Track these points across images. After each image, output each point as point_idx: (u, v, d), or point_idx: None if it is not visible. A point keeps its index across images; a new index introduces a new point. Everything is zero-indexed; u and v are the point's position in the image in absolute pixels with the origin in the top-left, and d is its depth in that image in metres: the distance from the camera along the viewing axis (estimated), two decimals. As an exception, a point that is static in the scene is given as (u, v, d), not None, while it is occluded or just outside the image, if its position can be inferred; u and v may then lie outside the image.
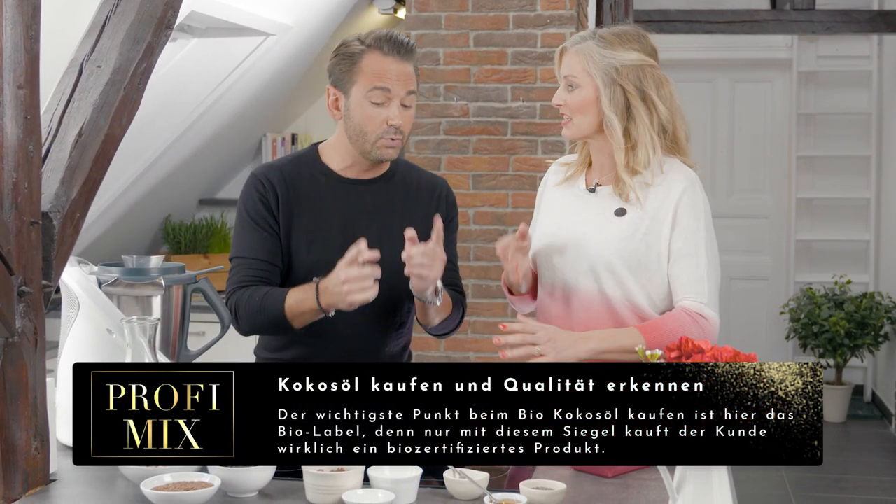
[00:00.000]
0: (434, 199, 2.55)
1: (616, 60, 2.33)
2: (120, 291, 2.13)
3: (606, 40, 2.36)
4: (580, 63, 2.35)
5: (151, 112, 4.22)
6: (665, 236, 2.32)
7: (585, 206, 2.41)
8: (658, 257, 2.32)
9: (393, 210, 2.50)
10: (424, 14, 4.61)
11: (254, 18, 4.31)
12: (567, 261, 2.37)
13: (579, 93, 2.35)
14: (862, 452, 6.09)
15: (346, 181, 2.50)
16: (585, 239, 2.35)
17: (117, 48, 2.05)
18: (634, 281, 2.31)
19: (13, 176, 1.78)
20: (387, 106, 2.40)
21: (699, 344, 1.59)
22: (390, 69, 2.41)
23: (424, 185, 2.57)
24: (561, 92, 2.39)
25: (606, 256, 2.31)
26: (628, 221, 2.33)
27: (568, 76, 2.37)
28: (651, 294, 2.32)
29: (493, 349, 4.72)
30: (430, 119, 4.64)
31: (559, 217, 2.45)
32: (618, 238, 2.31)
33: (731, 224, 7.59)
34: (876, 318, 6.59)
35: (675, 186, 2.34)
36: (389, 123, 2.41)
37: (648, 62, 2.35)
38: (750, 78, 7.56)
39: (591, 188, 2.43)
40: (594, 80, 2.34)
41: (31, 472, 1.83)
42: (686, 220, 2.32)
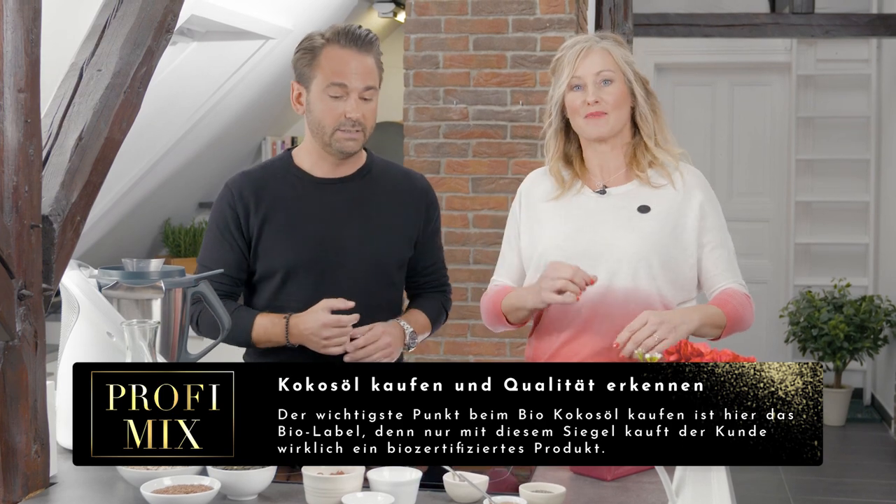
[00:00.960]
0: (413, 197, 2.56)
1: (631, 57, 2.43)
2: (120, 295, 2.14)
3: (618, 42, 2.45)
4: (611, 59, 2.40)
5: (151, 116, 4.22)
6: (690, 228, 2.40)
7: (599, 209, 2.42)
8: (684, 249, 2.40)
9: (370, 207, 2.50)
10: (424, 18, 4.62)
11: (253, 22, 4.31)
12: (599, 260, 2.36)
13: (615, 87, 2.39)
14: (861, 456, 6.09)
15: (319, 181, 2.51)
16: (616, 237, 2.37)
17: (117, 52, 2.05)
18: (665, 275, 2.37)
19: (13, 179, 1.79)
20: (344, 99, 2.41)
21: (698, 347, 1.59)
22: (348, 63, 2.42)
23: (402, 182, 2.57)
24: (593, 88, 2.39)
25: (644, 253, 2.35)
26: (655, 218, 2.39)
27: (602, 71, 2.39)
28: (677, 285, 2.40)
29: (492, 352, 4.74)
30: (429, 122, 4.64)
31: (571, 224, 2.42)
32: (649, 234, 2.37)
33: (731, 227, 7.43)
34: (875, 322, 6.60)
35: (694, 180, 2.44)
36: (346, 116, 2.41)
37: None
38: (749, 81, 7.56)
39: (599, 190, 2.44)
40: (625, 74, 2.40)
41: (30, 475, 1.83)
42: (712, 213, 2.44)
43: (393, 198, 2.52)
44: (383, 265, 2.49)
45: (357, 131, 2.43)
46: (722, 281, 2.43)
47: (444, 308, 2.67)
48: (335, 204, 2.48)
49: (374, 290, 2.46)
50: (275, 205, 2.48)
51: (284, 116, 5.66)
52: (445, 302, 2.68)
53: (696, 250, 2.41)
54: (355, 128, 2.42)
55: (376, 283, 2.48)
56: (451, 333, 4.60)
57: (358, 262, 2.45)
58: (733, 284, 2.44)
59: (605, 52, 2.40)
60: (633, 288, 2.35)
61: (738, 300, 2.40)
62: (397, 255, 2.52)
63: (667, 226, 2.38)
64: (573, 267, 2.25)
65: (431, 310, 2.62)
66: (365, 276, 2.46)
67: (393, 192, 2.53)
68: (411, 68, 4.64)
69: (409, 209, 2.54)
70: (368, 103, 2.43)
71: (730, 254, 2.47)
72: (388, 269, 2.51)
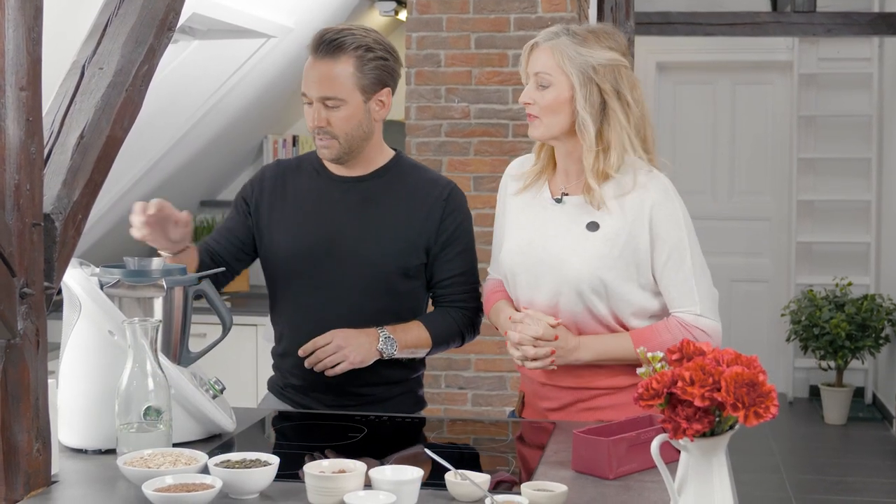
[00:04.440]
0: (429, 200, 2.50)
1: (592, 59, 2.24)
2: (121, 293, 2.13)
3: (581, 37, 2.26)
4: (554, 59, 2.25)
5: (153, 114, 4.22)
6: (643, 248, 2.26)
7: (554, 219, 2.34)
8: (638, 267, 2.27)
9: (377, 206, 2.49)
10: (426, 16, 4.61)
11: (255, 20, 4.31)
12: (545, 280, 2.32)
13: (552, 91, 2.26)
14: (863, 455, 6.08)
15: (334, 178, 2.53)
16: (561, 259, 2.28)
17: (119, 50, 2.05)
18: (618, 296, 2.28)
19: (15, 178, 1.78)
20: (312, 107, 2.43)
21: (700, 346, 1.59)
22: (311, 72, 2.43)
23: (422, 185, 2.52)
24: (530, 90, 2.29)
25: (587, 278, 2.25)
26: (603, 238, 2.26)
27: (540, 73, 2.27)
28: (633, 305, 2.29)
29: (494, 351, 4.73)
30: (431, 121, 4.64)
31: (526, 231, 2.37)
32: (596, 257, 2.26)
33: (732, 226, 7.59)
34: (877, 321, 6.60)
35: (648, 196, 2.26)
36: (310, 125, 2.44)
37: (623, 62, 2.27)
38: (751, 80, 7.56)
39: (557, 198, 2.35)
40: (569, 77, 2.24)
41: (32, 473, 1.83)
42: (666, 232, 2.25)
43: (406, 202, 2.49)
44: (381, 270, 2.46)
45: (328, 139, 2.44)
46: (673, 307, 2.29)
47: (458, 326, 2.55)
48: (345, 202, 2.50)
49: (369, 293, 2.44)
50: (287, 194, 2.53)
51: (286, 115, 5.66)
52: (461, 320, 2.56)
53: (650, 271, 2.27)
54: (324, 135, 2.43)
55: (372, 287, 2.46)
56: (452, 332, 4.59)
57: (353, 261, 2.44)
58: (683, 314, 2.27)
59: (549, 52, 2.25)
60: (581, 309, 2.29)
61: (671, 335, 2.23)
62: (399, 262, 2.47)
63: (616, 247, 2.25)
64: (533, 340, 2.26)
65: (436, 324, 2.52)
66: (359, 278, 2.45)
67: (408, 196, 2.50)
68: (413, 67, 4.63)
69: (420, 215, 2.48)
70: (335, 111, 2.41)
71: (685, 277, 2.26)
72: (387, 275, 2.47)
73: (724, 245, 7.54)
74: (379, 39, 2.46)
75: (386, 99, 2.48)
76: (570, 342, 2.27)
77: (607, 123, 2.26)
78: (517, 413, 2.54)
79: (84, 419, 2.08)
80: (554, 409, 2.41)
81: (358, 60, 2.41)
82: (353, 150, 2.47)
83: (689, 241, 2.28)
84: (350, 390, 2.51)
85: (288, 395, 2.59)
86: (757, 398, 1.49)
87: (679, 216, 2.28)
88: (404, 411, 2.52)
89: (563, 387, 2.37)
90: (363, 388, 2.52)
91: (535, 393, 2.44)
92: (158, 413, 1.96)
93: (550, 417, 2.41)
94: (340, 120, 2.42)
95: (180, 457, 1.88)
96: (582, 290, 2.27)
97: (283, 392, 2.60)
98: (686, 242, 2.27)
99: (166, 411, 1.97)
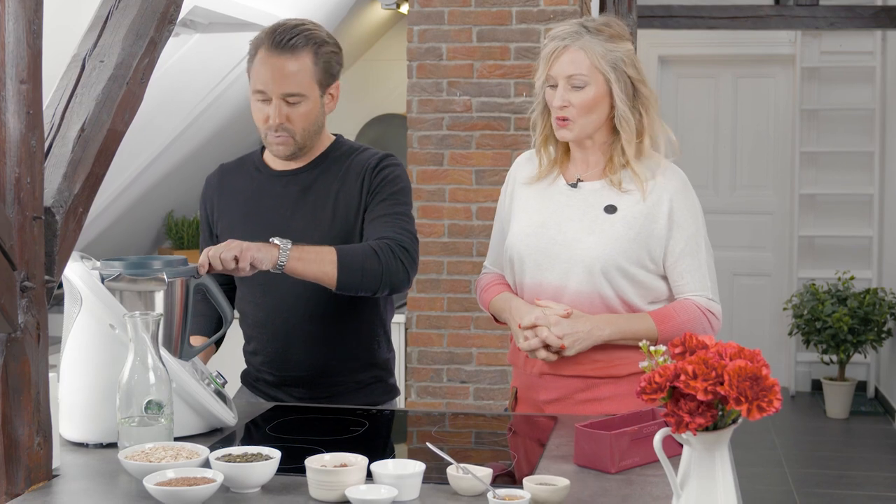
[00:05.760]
0: (361, 172, 2.47)
1: (619, 52, 2.29)
2: (122, 287, 2.13)
3: (604, 33, 2.30)
4: (588, 59, 2.28)
5: (154, 108, 4.21)
6: (659, 234, 2.31)
7: (569, 203, 2.37)
8: (651, 254, 2.32)
9: (317, 196, 2.48)
10: (427, 9, 4.60)
11: (257, 13, 4.30)
12: (556, 261, 2.34)
13: (589, 90, 2.29)
14: (865, 449, 6.08)
15: (274, 173, 2.55)
16: (578, 238, 2.32)
17: (120, 43, 2.05)
18: (628, 280, 2.31)
19: (15, 171, 1.78)
20: (269, 104, 2.40)
21: (703, 340, 1.58)
22: (268, 68, 2.40)
23: (356, 165, 2.50)
24: (563, 92, 2.31)
25: (602, 259, 2.29)
26: (621, 220, 2.31)
27: (574, 75, 2.29)
28: (642, 289, 2.33)
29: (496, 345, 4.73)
30: (432, 114, 4.63)
31: (538, 215, 2.40)
32: (612, 238, 2.30)
33: (734, 220, 7.59)
34: (879, 314, 6.59)
35: (670, 185, 2.34)
36: (267, 122, 2.41)
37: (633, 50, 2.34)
38: (753, 74, 7.55)
39: (572, 183, 2.38)
40: (605, 75, 2.28)
41: (33, 467, 1.83)
42: (685, 220, 2.33)
43: (341, 182, 2.48)
44: None
45: (285, 136, 2.42)
46: (686, 292, 2.35)
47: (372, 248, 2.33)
48: (285, 195, 2.50)
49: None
50: (234, 197, 2.55)
51: (287, 108, 5.66)
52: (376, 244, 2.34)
53: (663, 258, 2.33)
54: (282, 132, 2.42)
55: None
56: (454, 326, 4.60)
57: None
58: (696, 297, 2.35)
59: (581, 53, 2.28)
60: (589, 290, 2.31)
61: (689, 316, 2.32)
62: (347, 238, 2.43)
63: (631, 230, 2.31)
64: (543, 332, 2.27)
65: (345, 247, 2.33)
66: None
67: (342, 176, 2.48)
68: (414, 60, 4.63)
69: (352, 186, 2.46)
70: (295, 107, 2.40)
71: (700, 264, 2.35)
72: None
73: (726, 239, 7.54)
74: (328, 33, 2.49)
75: (335, 92, 2.49)
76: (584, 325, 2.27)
77: (644, 110, 2.32)
78: (510, 410, 2.53)
79: (85, 413, 2.08)
80: (551, 401, 2.41)
81: (314, 55, 2.41)
82: (307, 145, 2.47)
83: (703, 230, 2.38)
84: (321, 382, 2.53)
85: (261, 388, 2.61)
86: (760, 392, 1.49)
87: (696, 206, 2.37)
88: (377, 401, 2.53)
89: (563, 375, 2.37)
90: (334, 378, 2.53)
91: (531, 386, 2.44)
92: (160, 407, 1.95)
93: (547, 410, 2.41)
94: (300, 116, 2.41)
95: (181, 451, 1.87)
96: (594, 270, 2.30)
97: (256, 385, 2.62)
98: (701, 232, 2.37)
99: (167, 405, 1.97)
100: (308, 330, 2.49)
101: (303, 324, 2.49)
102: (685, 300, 2.35)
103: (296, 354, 2.51)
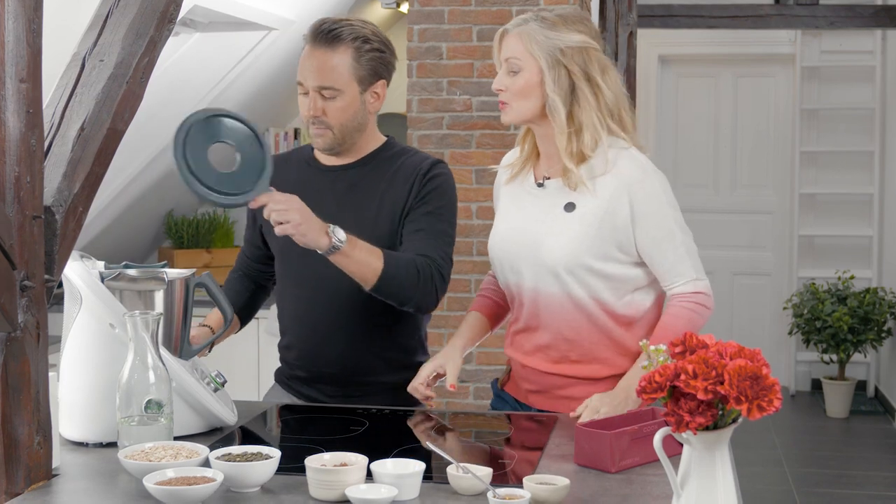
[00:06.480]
0: (411, 176, 2.49)
1: (560, 41, 2.26)
2: (122, 286, 2.13)
3: (550, 21, 2.28)
4: (522, 45, 2.28)
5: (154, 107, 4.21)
6: (624, 226, 2.27)
7: (535, 203, 2.36)
8: (621, 246, 2.29)
9: (363, 192, 2.50)
10: (427, 9, 4.60)
11: (256, 13, 4.30)
12: (526, 264, 2.34)
13: (522, 76, 2.28)
14: (865, 448, 6.08)
15: (322, 168, 2.55)
16: (540, 241, 2.31)
17: (119, 42, 2.05)
18: (598, 277, 2.29)
19: (15, 170, 1.78)
20: (307, 97, 2.43)
21: (703, 339, 1.58)
22: (308, 61, 2.42)
23: (406, 165, 2.51)
24: (502, 76, 2.32)
25: (564, 260, 2.28)
26: (580, 218, 2.28)
27: (510, 59, 2.29)
28: (618, 284, 2.31)
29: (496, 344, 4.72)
30: (432, 114, 4.63)
31: (511, 217, 2.40)
32: (571, 238, 2.28)
33: (734, 219, 7.59)
34: (879, 314, 6.59)
35: (626, 175, 2.27)
36: (305, 114, 2.44)
37: (592, 45, 2.29)
38: (753, 73, 7.55)
39: (539, 182, 2.37)
40: (538, 61, 2.27)
41: (33, 466, 1.83)
42: (649, 208, 2.27)
43: (389, 182, 2.50)
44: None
45: (322, 128, 2.44)
46: (669, 281, 2.31)
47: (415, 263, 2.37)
48: (332, 190, 2.51)
49: None
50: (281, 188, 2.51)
51: (288, 108, 5.65)
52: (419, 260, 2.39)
53: (634, 247, 2.29)
54: (319, 125, 2.44)
55: None
56: (454, 325, 4.59)
57: None
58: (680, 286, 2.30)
59: (521, 37, 2.28)
60: (560, 292, 2.30)
61: (684, 321, 2.27)
62: (387, 242, 2.45)
63: (591, 227, 2.27)
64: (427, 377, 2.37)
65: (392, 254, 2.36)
66: None
67: (391, 177, 2.50)
68: (415, 59, 4.62)
69: (401, 187, 2.48)
70: (331, 101, 2.41)
71: (676, 247, 2.29)
72: None
73: (726, 238, 7.54)
74: (376, 31, 2.47)
75: (381, 91, 2.48)
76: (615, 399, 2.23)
77: (577, 105, 2.28)
78: (500, 385, 2.57)
79: (85, 412, 2.08)
80: (533, 392, 2.43)
81: (355, 51, 2.41)
82: (347, 141, 2.48)
83: (672, 211, 2.31)
84: (353, 380, 2.53)
85: (293, 386, 2.60)
86: (760, 391, 1.49)
87: (658, 190, 2.29)
88: (408, 401, 2.52)
89: (540, 371, 2.38)
90: (367, 378, 2.53)
91: (518, 373, 2.47)
92: (159, 406, 1.95)
93: (530, 399, 2.44)
94: (336, 110, 2.42)
95: (181, 450, 1.87)
96: (558, 273, 2.28)
97: (289, 383, 2.61)
98: (670, 214, 2.30)
99: (167, 404, 1.97)
100: (344, 326, 2.48)
101: (339, 319, 2.49)
102: (671, 304, 2.31)
103: (330, 350, 2.51)
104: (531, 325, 2.38)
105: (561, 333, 2.34)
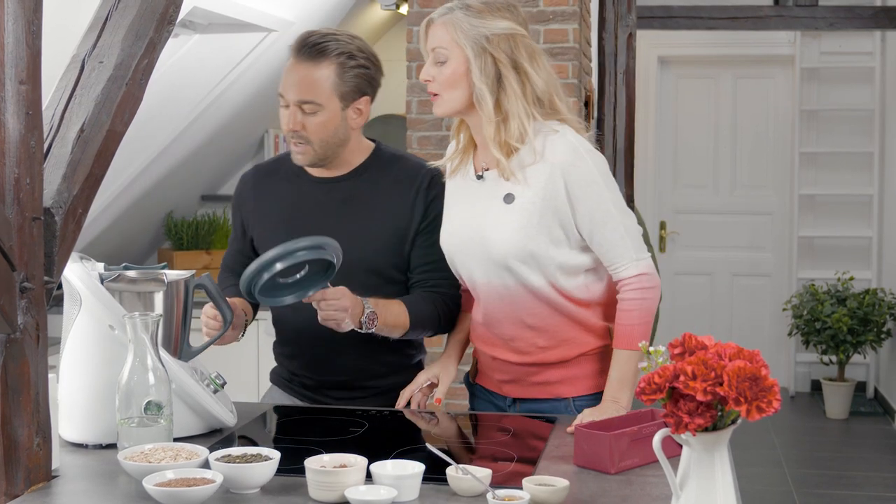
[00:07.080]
0: (411, 190, 2.47)
1: (486, 29, 2.23)
2: (122, 287, 2.13)
3: (475, 9, 2.25)
4: (448, 34, 2.25)
5: (154, 108, 4.21)
6: (563, 210, 2.25)
7: (476, 195, 2.34)
8: (566, 230, 2.27)
9: (360, 205, 2.47)
10: (427, 10, 4.60)
11: (256, 14, 4.30)
12: (476, 260, 2.33)
13: (449, 66, 2.26)
14: (864, 449, 6.08)
15: (315, 181, 2.52)
16: (486, 235, 2.29)
17: (119, 44, 2.05)
18: (547, 262, 2.27)
19: (15, 172, 1.78)
20: (288, 110, 2.40)
21: (702, 340, 1.58)
22: (291, 74, 2.40)
23: (402, 176, 2.50)
24: (428, 67, 2.30)
25: (511, 250, 2.26)
26: (519, 209, 2.26)
27: (436, 49, 2.27)
28: (566, 268, 2.29)
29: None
30: (432, 115, 4.61)
31: (455, 211, 2.39)
32: (513, 230, 2.26)
33: (734, 220, 7.59)
34: (879, 315, 6.59)
35: (558, 160, 2.25)
36: (285, 128, 2.42)
37: (520, 31, 2.26)
38: (752, 74, 7.55)
39: (479, 174, 2.35)
40: (464, 50, 2.24)
41: (32, 468, 1.83)
42: (584, 192, 2.25)
43: (388, 196, 2.47)
44: (375, 264, 2.46)
45: (302, 144, 2.41)
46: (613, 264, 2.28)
47: (437, 312, 2.49)
48: (327, 203, 2.48)
49: (369, 288, 2.43)
50: (272, 201, 2.53)
51: (287, 109, 5.66)
52: (441, 306, 2.50)
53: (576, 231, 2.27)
54: (298, 139, 2.41)
55: (371, 282, 2.45)
56: (453, 326, 4.58)
57: (347, 262, 2.43)
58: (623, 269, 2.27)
59: (446, 27, 2.25)
60: (513, 284, 2.29)
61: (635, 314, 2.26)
62: (389, 253, 2.46)
63: (533, 216, 2.25)
64: None
65: (417, 307, 2.45)
66: (357, 275, 2.43)
67: (389, 189, 2.48)
68: (414, 60, 4.62)
69: (405, 205, 2.46)
70: (311, 116, 2.38)
71: (615, 228, 2.26)
72: (382, 268, 2.47)
73: (725, 239, 7.54)
74: (362, 47, 2.44)
75: (364, 107, 2.45)
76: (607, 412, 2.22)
77: (504, 93, 2.25)
78: (471, 378, 2.58)
79: (84, 414, 2.08)
80: (507, 382, 2.44)
81: (339, 67, 2.38)
82: (329, 156, 2.45)
83: (610, 193, 2.28)
84: (358, 385, 2.54)
85: (296, 389, 2.61)
86: (759, 392, 1.49)
87: (593, 172, 2.27)
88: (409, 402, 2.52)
89: (511, 363, 2.39)
90: (370, 382, 2.55)
91: (488, 365, 2.47)
92: (159, 408, 1.95)
93: (504, 389, 2.45)
94: (316, 125, 2.39)
95: (181, 451, 1.87)
96: (509, 265, 2.27)
97: (290, 386, 2.61)
98: (607, 196, 2.27)
99: (167, 406, 1.97)
100: (349, 336, 2.43)
101: None
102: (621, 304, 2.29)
103: (337, 360, 2.52)
104: (492, 318, 2.37)
105: (524, 323, 2.33)
